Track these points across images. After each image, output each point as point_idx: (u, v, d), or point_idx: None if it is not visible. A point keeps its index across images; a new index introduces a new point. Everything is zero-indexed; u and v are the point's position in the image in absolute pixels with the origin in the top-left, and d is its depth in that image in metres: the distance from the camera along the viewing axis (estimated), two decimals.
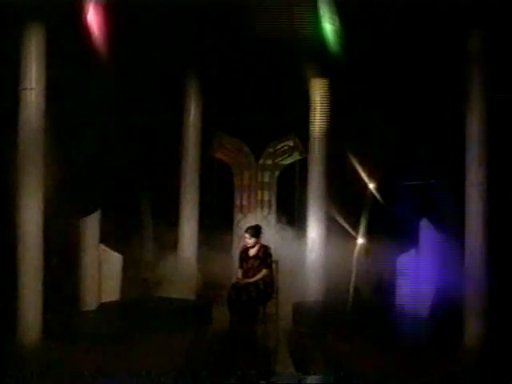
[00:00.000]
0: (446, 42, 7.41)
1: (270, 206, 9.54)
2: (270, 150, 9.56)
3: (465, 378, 6.07)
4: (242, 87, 8.77)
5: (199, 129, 9.03)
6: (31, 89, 7.10)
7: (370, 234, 8.44)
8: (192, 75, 8.86)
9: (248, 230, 8.27)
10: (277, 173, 9.58)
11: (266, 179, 9.57)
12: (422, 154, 7.77)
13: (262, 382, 6.10)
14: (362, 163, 8.41)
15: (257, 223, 8.52)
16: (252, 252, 8.20)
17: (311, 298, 8.55)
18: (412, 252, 8.18)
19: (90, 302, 8.12)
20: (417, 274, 7.94)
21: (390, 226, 8.10)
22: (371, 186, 8.41)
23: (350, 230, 8.51)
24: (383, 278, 8.16)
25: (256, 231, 8.21)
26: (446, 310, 7.29)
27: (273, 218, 9.43)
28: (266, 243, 8.29)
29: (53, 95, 7.21)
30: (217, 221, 9.16)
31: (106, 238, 8.32)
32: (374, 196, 8.40)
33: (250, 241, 8.17)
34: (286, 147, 9.54)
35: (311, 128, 8.81)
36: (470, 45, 7.25)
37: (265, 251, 8.18)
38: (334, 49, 7.72)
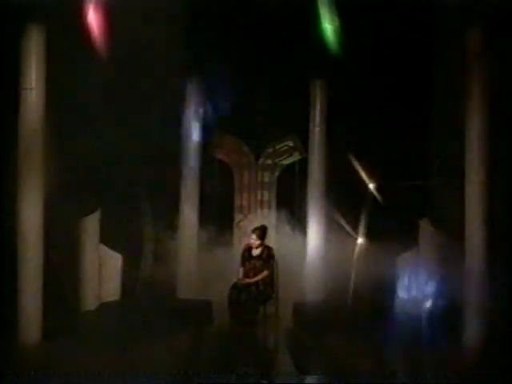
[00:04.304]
0: (447, 40, 7.42)
1: (269, 206, 9.55)
2: (270, 150, 9.57)
3: (465, 378, 6.07)
4: (242, 87, 8.77)
5: (199, 128, 9.03)
6: (31, 89, 7.10)
7: (369, 233, 8.44)
8: (193, 75, 8.86)
9: (255, 230, 8.27)
10: (277, 173, 9.58)
11: (266, 179, 9.58)
12: (421, 154, 7.78)
13: (262, 381, 6.11)
14: (361, 163, 8.41)
15: (262, 223, 8.54)
16: (255, 252, 8.21)
17: (311, 298, 8.55)
18: (412, 252, 8.18)
19: (90, 301, 8.12)
20: (417, 274, 7.94)
21: (390, 226, 8.11)
22: (371, 185, 8.41)
23: (349, 229, 8.51)
24: (383, 278, 8.15)
25: (263, 233, 8.24)
26: (446, 309, 7.30)
27: (273, 217, 9.43)
28: (269, 245, 8.31)
29: (53, 95, 7.22)
30: (217, 221, 9.15)
31: (106, 238, 8.33)
32: (373, 196, 8.41)
33: (257, 242, 8.19)
34: (285, 147, 9.54)
35: (311, 128, 8.81)
36: (470, 43, 7.24)
37: (268, 252, 8.20)
38: (334, 49, 7.72)
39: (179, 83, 8.73)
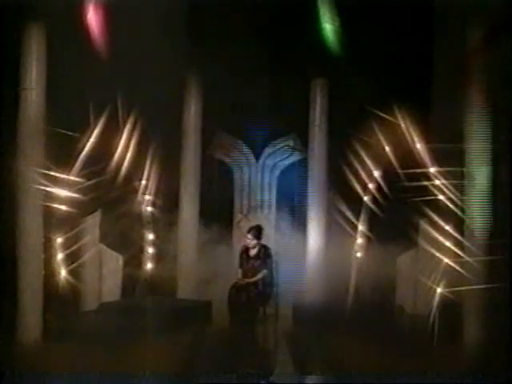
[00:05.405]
0: (447, 40, 7.42)
1: (269, 206, 9.54)
2: (270, 150, 9.57)
3: (465, 378, 6.07)
4: (242, 86, 8.76)
5: (199, 128, 9.03)
6: (31, 89, 7.11)
7: (370, 233, 8.44)
8: (193, 74, 8.86)
9: (251, 230, 8.25)
10: (277, 173, 9.58)
11: (266, 179, 9.58)
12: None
13: (262, 381, 6.11)
14: (361, 163, 8.41)
15: (258, 223, 8.52)
16: (253, 252, 8.20)
17: (311, 298, 8.55)
18: (412, 252, 8.18)
19: (90, 302, 8.12)
20: (416, 274, 7.95)
21: (390, 226, 8.10)
22: (371, 185, 8.41)
23: (349, 229, 8.51)
24: (383, 278, 8.15)
25: (259, 232, 8.22)
26: (446, 309, 7.30)
27: (273, 217, 9.43)
28: (266, 244, 8.30)
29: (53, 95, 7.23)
30: (217, 221, 9.15)
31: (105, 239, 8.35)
32: (374, 196, 8.40)
33: (253, 242, 8.17)
34: (285, 147, 9.54)
35: (311, 128, 8.80)
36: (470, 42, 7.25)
37: (265, 252, 8.18)
38: (334, 48, 7.72)
39: (179, 83, 8.73)
